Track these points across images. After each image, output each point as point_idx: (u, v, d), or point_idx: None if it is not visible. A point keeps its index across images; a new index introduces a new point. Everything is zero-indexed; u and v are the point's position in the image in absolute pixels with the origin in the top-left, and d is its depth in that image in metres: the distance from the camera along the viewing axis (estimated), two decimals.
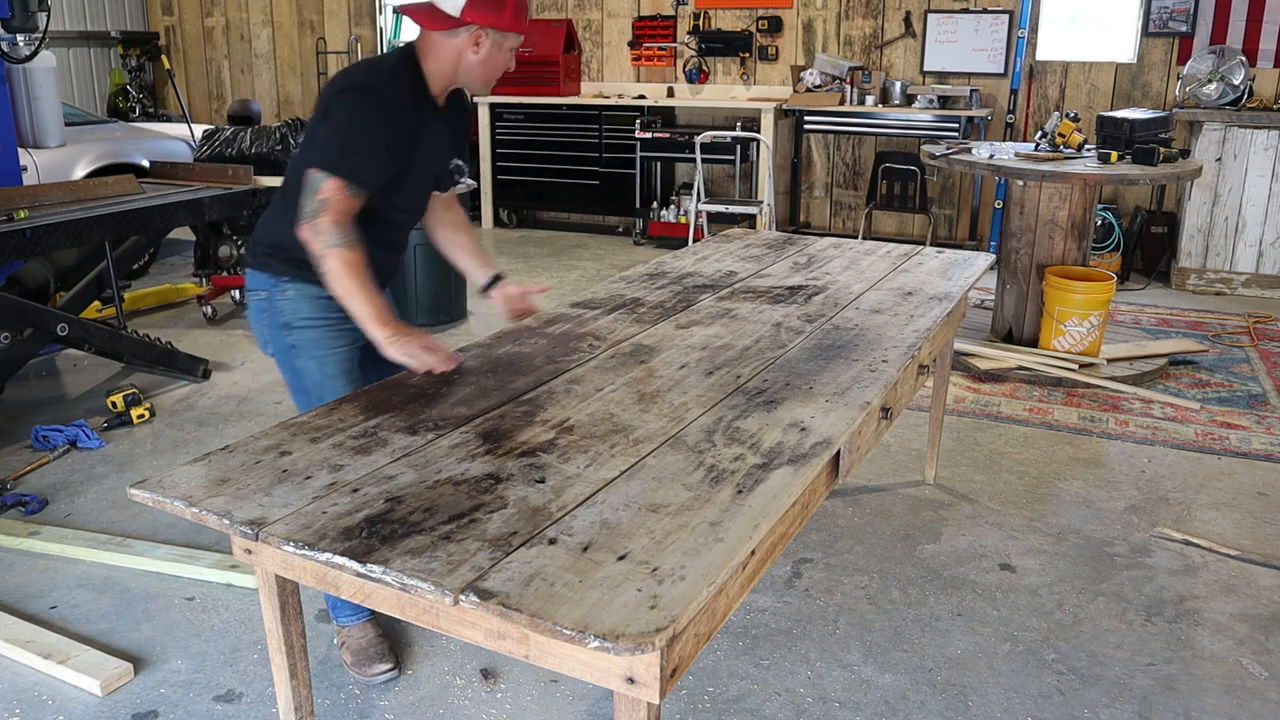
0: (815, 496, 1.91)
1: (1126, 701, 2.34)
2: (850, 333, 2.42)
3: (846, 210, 7.61)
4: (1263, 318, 5.56)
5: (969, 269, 3.15)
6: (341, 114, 2.14)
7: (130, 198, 4.29)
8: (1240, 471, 3.58)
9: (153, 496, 1.54)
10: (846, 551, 3.02)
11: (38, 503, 3.27)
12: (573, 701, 2.33)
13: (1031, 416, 4.08)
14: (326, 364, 2.29)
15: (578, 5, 8.05)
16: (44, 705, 2.32)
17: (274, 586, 1.70)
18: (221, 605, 2.73)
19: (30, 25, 4.16)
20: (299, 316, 2.27)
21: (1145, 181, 4.50)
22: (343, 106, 2.15)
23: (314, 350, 2.28)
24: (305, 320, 2.27)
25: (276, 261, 2.27)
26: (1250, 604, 2.75)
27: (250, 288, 2.33)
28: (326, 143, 2.13)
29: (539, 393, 1.98)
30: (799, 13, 7.41)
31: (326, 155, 2.11)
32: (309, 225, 2.08)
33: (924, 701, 2.34)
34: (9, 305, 3.78)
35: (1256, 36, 6.29)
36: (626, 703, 1.34)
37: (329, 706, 2.32)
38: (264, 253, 2.30)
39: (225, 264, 5.63)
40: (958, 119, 6.64)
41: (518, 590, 1.28)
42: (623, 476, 1.61)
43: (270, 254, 2.28)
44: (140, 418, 3.95)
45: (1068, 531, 3.14)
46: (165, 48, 9.54)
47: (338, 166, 2.09)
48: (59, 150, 5.46)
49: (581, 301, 2.66)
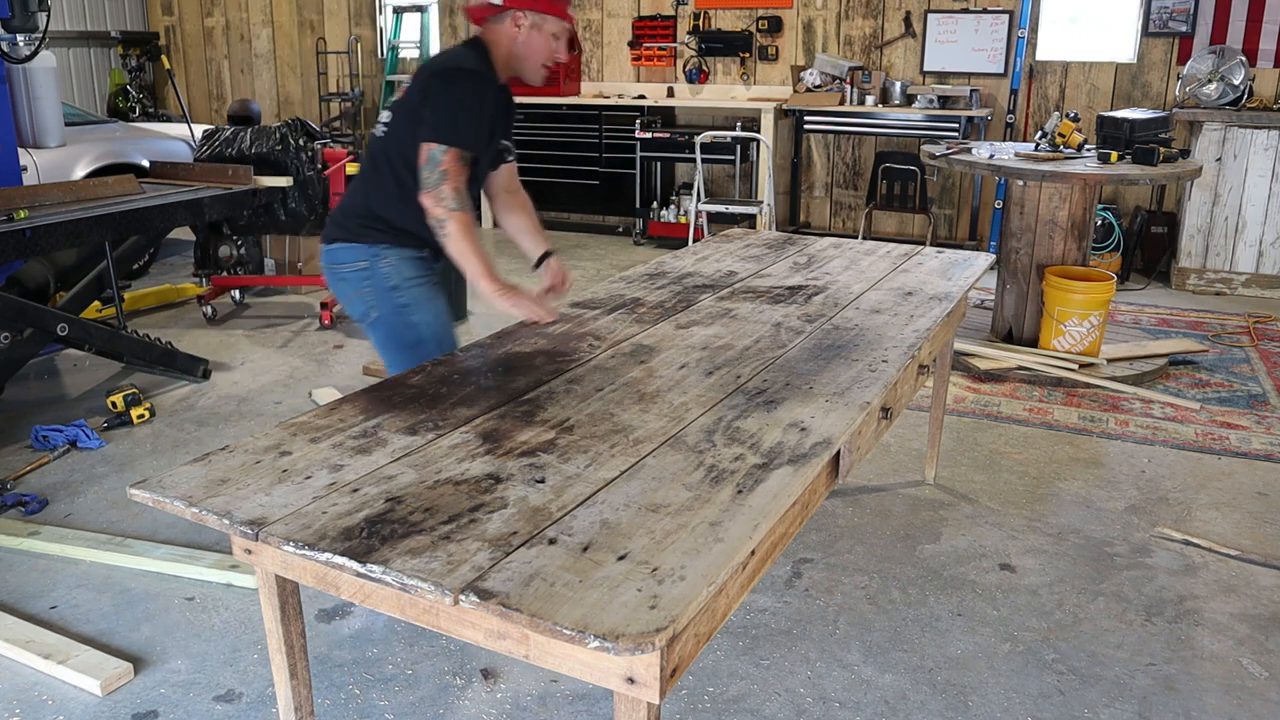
0: (815, 496, 1.91)
1: (1126, 701, 2.34)
2: (850, 333, 2.42)
3: (846, 210, 7.61)
4: (1263, 318, 5.56)
5: (969, 269, 3.15)
6: (447, 93, 2.37)
7: (130, 198, 4.29)
8: (1240, 471, 3.58)
9: (153, 496, 1.54)
10: (846, 551, 3.02)
11: (38, 503, 3.27)
12: (573, 701, 2.33)
13: (1031, 416, 4.08)
14: (440, 314, 2.54)
15: (578, 5, 8.05)
16: (44, 705, 2.32)
17: (274, 586, 1.70)
18: (221, 605, 2.73)
19: (30, 25, 4.16)
20: (404, 277, 2.50)
21: (1145, 181, 4.50)
22: (446, 87, 2.39)
23: (427, 304, 2.52)
24: (411, 280, 2.50)
25: (373, 231, 2.48)
26: (1250, 604, 2.75)
27: (342, 260, 2.51)
28: (436, 120, 2.34)
29: (539, 393, 1.98)
30: (799, 13, 7.41)
31: (439, 130, 2.33)
32: (432, 193, 2.33)
33: (924, 701, 2.34)
34: (9, 305, 3.78)
35: (1256, 36, 6.29)
36: (626, 703, 1.34)
37: (329, 706, 2.32)
38: (358, 224, 2.50)
39: (225, 264, 5.63)
40: (958, 119, 6.64)
41: (518, 590, 1.28)
42: (623, 476, 1.61)
43: (366, 225, 2.49)
44: (140, 418, 3.95)
45: (1068, 531, 3.14)
46: (165, 48, 9.55)
47: (452, 138, 2.33)
48: (59, 150, 5.46)
49: (581, 301, 2.66)
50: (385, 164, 2.47)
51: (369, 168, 2.55)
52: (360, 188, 2.56)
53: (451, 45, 2.69)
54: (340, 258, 2.52)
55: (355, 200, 2.56)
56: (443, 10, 8.61)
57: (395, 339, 2.53)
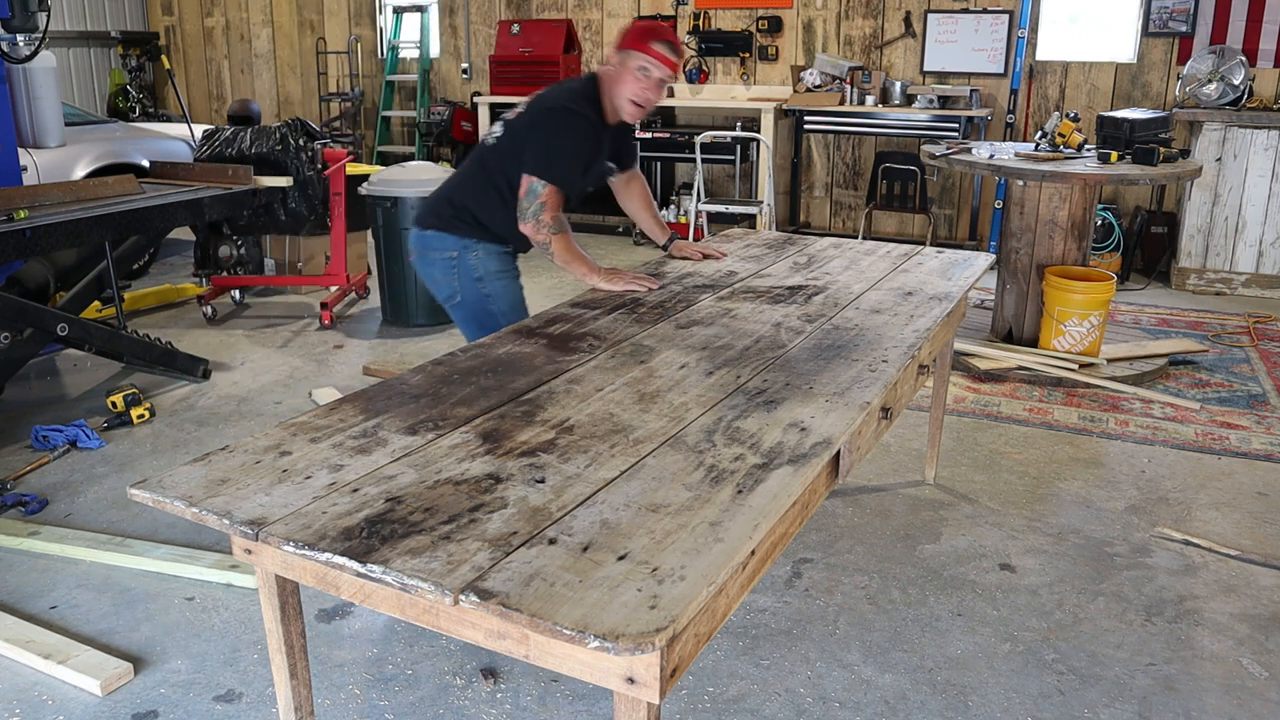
0: (815, 496, 1.91)
1: (1126, 701, 2.34)
2: (850, 333, 2.42)
3: (846, 210, 7.61)
4: (1263, 318, 5.56)
5: (969, 269, 3.14)
6: (554, 131, 2.69)
7: (130, 198, 4.29)
8: (1240, 471, 3.58)
9: (153, 496, 1.54)
10: (846, 551, 3.02)
11: (38, 503, 3.27)
12: (573, 701, 2.33)
13: (1031, 416, 4.08)
14: (517, 303, 2.89)
15: (578, 5, 8.06)
16: (44, 705, 2.32)
17: (274, 586, 1.70)
18: (221, 605, 2.73)
19: (30, 25, 4.15)
20: (489, 270, 2.83)
21: (1145, 181, 4.49)
22: (554, 124, 2.70)
23: (507, 295, 2.87)
24: (495, 273, 2.85)
25: (465, 224, 2.80)
26: (1250, 604, 2.75)
27: (434, 248, 2.82)
28: (538, 155, 2.67)
29: (539, 393, 1.98)
30: (799, 13, 7.41)
31: (540, 166, 2.66)
32: (533, 223, 2.69)
33: (924, 701, 2.34)
34: (9, 305, 3.78)
35: (1256, 36, 6.29)
36: (626, 703, 1.34)
37: (329, 706, 2.32)
38: (452, 215, 2.81)
39: (225, 264, 5.63)
40: (958, 119, 6.64)
41: (518, 590, 1.28)
42: (623, 476, 1.61)
43: (458, 218, 2.80)
44: (140, 418, 3.95)
45: (1068, 531, 3.14)
46: (165, 48, 9.55)
47: (551, 175, 2.66)
48: (59, 150, 5.46)
49: (581, 301, 2.66)
50: (489, 173, 2.78)
51: (476, 170, 2.83)
52: (461, 186, 2.85)
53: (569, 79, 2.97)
54: (432, 244, 2.83)
55: (454, 195, 2.84)
56: (443, 10, 8.61)
57: (475, 320, 2.85)
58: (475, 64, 8.59)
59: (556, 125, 2.69)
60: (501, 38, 7.81)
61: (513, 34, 7.72)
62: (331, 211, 5.30)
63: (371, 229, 5.35)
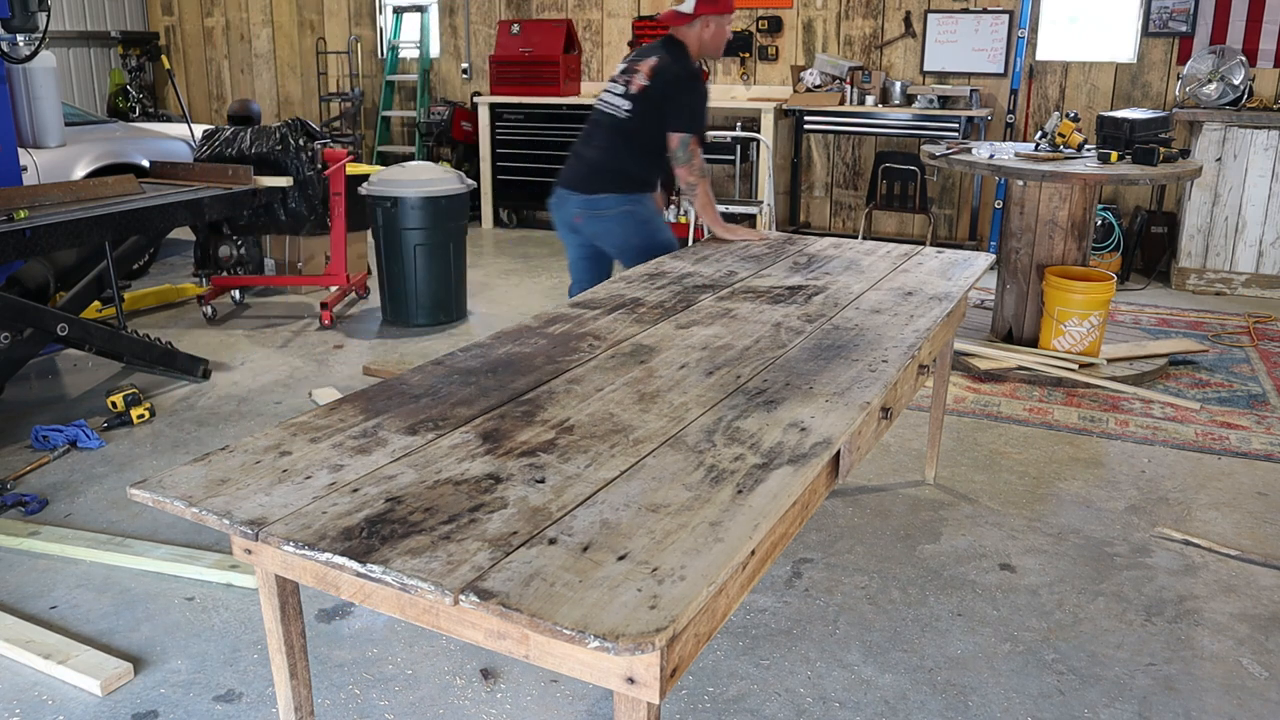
0: (815, 496, 1.91)
1: (1126, 701, 2.34)
2: (850, 333, 2.42)
3: (846, 210, 7.61)
4: (1263, 318, 5.56)
5: (969, 269, 3.15)
6: (693, 92, 3.45)
7: (130, 198, 4.29)
8: (1240, 471, 3.58)
9: (153, 496, 1.54)
10: (846, 551, 3.02)
11: (38, 503, 3.27)
12: (573, 701, 2.33)
13: (1031, 416, 4.08)
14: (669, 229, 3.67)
15: (578, 5, 8.06)
16: (44, 705, 2.32)
17: (274, 586, 1.70)
18: (221, 605, 2.73)
19: (30, 25, 4.15)
20: (652, 212, 3.60)
21: (1145, 181, 4.50)
22: (692, 87, 3.45)
23: (663, 225, 3.64)
24: (656, 213, 3.62)
25: (631, 183, 3.51)
26: (1250, 604, 2.75)
27: (607, 206, 3.50)
28: (682, 113, 3.41)
29: (539, 393, 1.98)
30: (799, 13, 7.41)
31: (688, 122, 3.41)
32: (687, 166, 3.44)
33: (924, 701, 2.34)
34: (9, 305, 3.78)
35: (1256, 36, 6.29)
36: (626, 703, 1.34)
37: (329, 706, 2.32)
38: (618, 179, 3.50)
39: (225, 264, 5.63)
40: (958, 119, 6.64)
41: (518, 590, 1.28)
42: (623, 476, 1.61)
43: (626, 180, 3.51)
44: (140, 418, 3.95)
45: (1068, 531, 3.14)
46: (165, 48, 9.55)
47: (695, 128, 3.43)
48: (59, 150, 5.46)
49: (581, 301, 2.67)
50: (633, 137, 3.46)
51: (618, 140, 3.50)
52: (610, 154, 3.52)
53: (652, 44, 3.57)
54: (605, 205, 3.50)
55: (610, 162, 3.51)
56: (443, 10, 8.61)
57: (645, 253, 3.41)
58: (475, 64, 8.59)
59: (692, 87, 3.42)
60: (501, 38, 7.81)
61: (513, 34, 7.72)
62: (331, 211, 5.30)
63: (371, 229, 5.35)
